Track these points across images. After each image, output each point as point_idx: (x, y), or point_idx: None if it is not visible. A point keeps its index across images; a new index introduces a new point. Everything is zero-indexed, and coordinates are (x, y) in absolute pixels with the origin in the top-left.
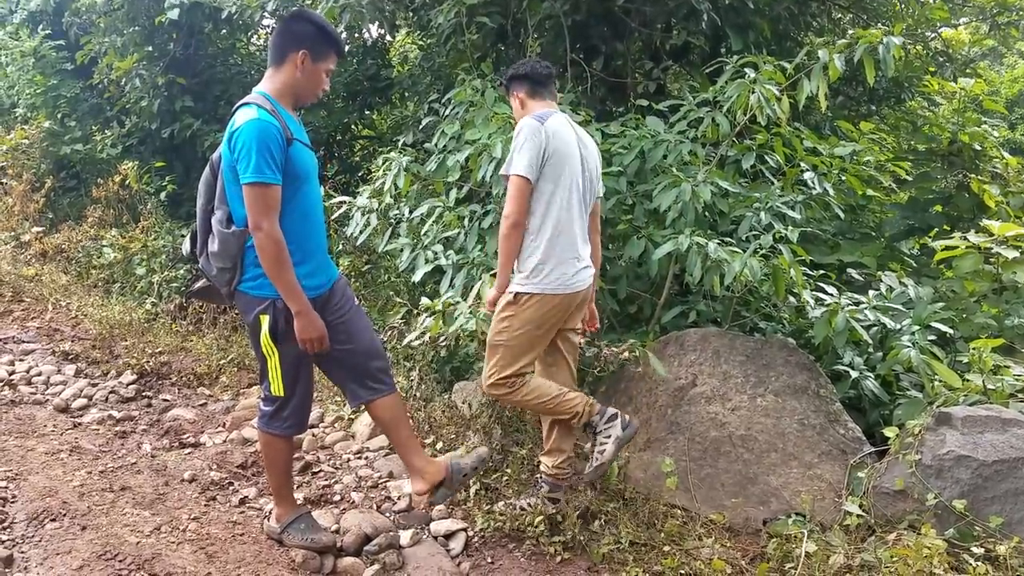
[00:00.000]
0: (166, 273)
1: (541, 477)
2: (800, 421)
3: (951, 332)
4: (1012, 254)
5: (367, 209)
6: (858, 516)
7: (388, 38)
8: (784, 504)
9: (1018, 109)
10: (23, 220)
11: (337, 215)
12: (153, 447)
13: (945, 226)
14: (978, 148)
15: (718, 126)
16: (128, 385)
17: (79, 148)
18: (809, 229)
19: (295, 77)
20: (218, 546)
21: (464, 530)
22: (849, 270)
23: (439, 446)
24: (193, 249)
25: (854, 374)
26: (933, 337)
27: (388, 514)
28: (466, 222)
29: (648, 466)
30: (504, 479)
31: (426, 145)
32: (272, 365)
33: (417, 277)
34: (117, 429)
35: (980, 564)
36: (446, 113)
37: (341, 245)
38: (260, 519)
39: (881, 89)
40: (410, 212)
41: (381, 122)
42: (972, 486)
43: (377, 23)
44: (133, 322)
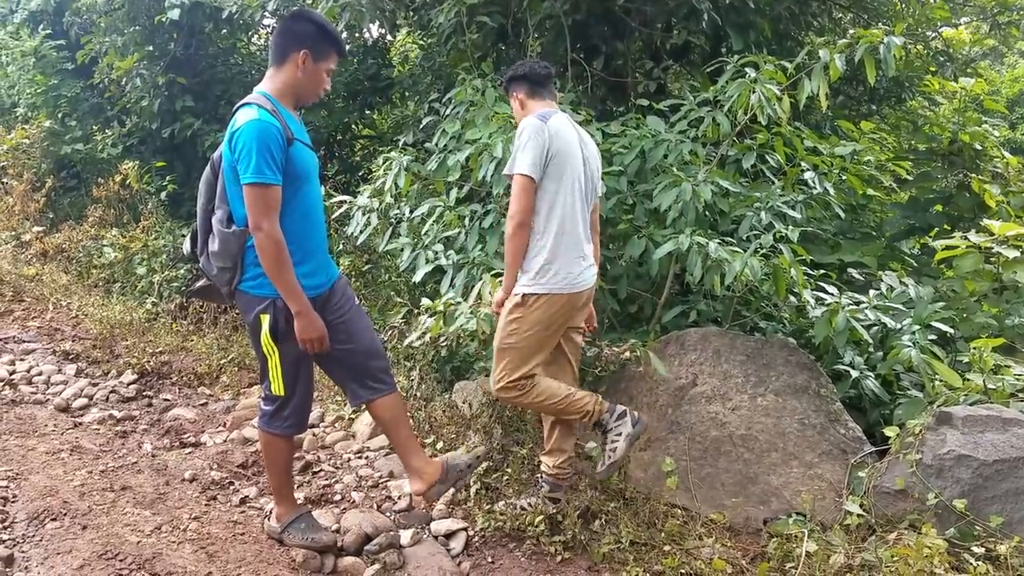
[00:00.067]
0: (167, 273)
1: (542, 477)
2: (801, 421)
3: (951, 332)
4: (1013, 254)
5: (367, 209)
6: (859, 516)
7: (388, 38)
8: (785, 504)
9: (1019, 109)
10: (24, 220)
11: (337, 215)
12: (154, 447)
13: (946, 226)
14: (979, 148)
15: (719, 126)
16: (129, 385)
17: (80, 148)
18: (810, 229)
19: (296, 77)
20: (219, 546)
21: (465, 530)
22: (850, 270)
23: (439, 446)
24: (193, 248)
25: (854, 374)
26: (934, 337)
27: (389, 514)
28: (467, 222)
29: (648, 466)
30: (505, 479)
31: (426, 145)
32: (272, 364)
33: (418, 277)
34: (118, 429)
35: (980, 564)
36: (447, 113)
37: (341, 245)
38: (261, 519)
39: (882, 89)
40: (411, 212)
41: (382, 122)
42: (973, 486)
43: (377, 23)
44: (134, 322)
